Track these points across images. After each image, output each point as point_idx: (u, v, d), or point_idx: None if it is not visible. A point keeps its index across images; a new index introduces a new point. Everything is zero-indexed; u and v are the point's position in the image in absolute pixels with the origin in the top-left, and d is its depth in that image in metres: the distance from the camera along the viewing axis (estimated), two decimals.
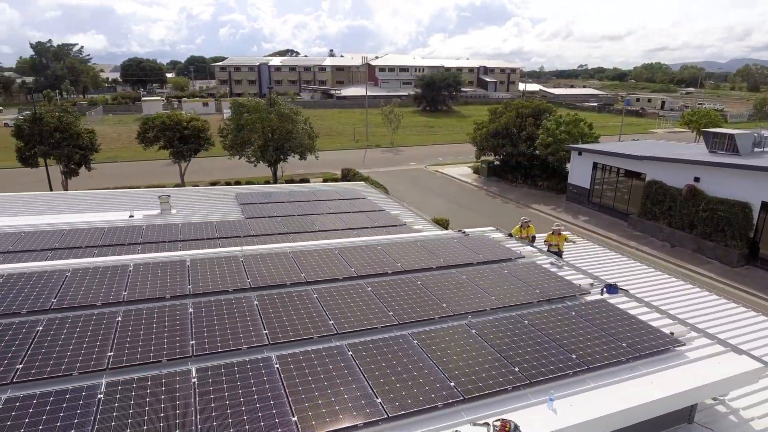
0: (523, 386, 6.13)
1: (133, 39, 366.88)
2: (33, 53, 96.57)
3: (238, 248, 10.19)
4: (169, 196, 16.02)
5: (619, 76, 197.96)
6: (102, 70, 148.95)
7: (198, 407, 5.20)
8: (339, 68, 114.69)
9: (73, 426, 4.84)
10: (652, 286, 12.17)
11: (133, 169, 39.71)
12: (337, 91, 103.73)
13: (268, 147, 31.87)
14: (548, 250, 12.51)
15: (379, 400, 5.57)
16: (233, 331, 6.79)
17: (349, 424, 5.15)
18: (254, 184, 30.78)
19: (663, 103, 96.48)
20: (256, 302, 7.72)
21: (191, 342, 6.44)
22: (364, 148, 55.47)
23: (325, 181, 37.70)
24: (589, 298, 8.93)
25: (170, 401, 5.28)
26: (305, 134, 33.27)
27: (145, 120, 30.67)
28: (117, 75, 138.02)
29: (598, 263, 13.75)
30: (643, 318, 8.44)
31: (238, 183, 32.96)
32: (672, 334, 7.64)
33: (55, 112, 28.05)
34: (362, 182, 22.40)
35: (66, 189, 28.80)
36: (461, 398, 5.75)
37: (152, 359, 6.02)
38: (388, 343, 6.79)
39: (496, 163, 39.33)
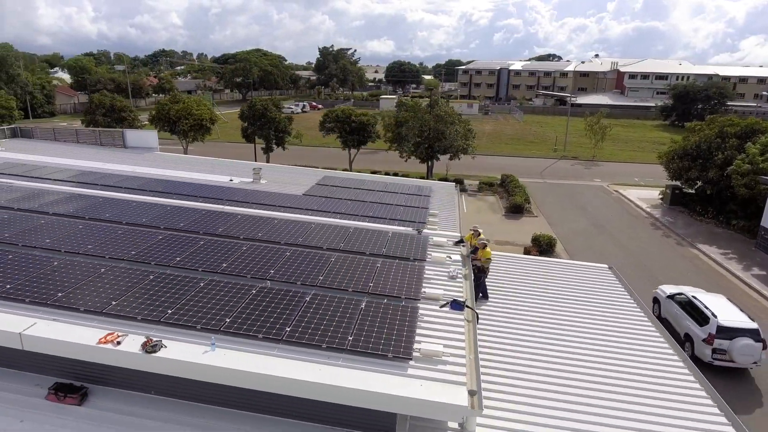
0: (212, 332, 7.40)
1: (416, 44, 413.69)
2: (318, 56, 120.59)
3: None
4: (261, 168, 20.35)
5: None
6: (376, 71, 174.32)
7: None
8: (583, 74, 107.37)
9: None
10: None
11: (320, 153, 47.25)
12: (572, 98, 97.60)
13: (420, 144, 34.33)
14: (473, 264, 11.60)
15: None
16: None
17: None
18: (408, 176, 33.67)
19: None
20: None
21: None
22: (558, 158, 52.30)
23: (480, 183, 37.97)
24: (419, 304, 8.87)
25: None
26: (459, 136, 34.41)
27: (326, 113, 36.92)
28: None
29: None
30: (448, 336, 8.14)
31: (396, 174, 36.41)
32: (419, 350, 7.40)
33: (267, 102, 36.63)
34: (449, 183, 22.86)
35: (268, 161, 37.31)
36: (140, 318, 7.53)
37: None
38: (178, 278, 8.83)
39: (687, 190, 32.65)
